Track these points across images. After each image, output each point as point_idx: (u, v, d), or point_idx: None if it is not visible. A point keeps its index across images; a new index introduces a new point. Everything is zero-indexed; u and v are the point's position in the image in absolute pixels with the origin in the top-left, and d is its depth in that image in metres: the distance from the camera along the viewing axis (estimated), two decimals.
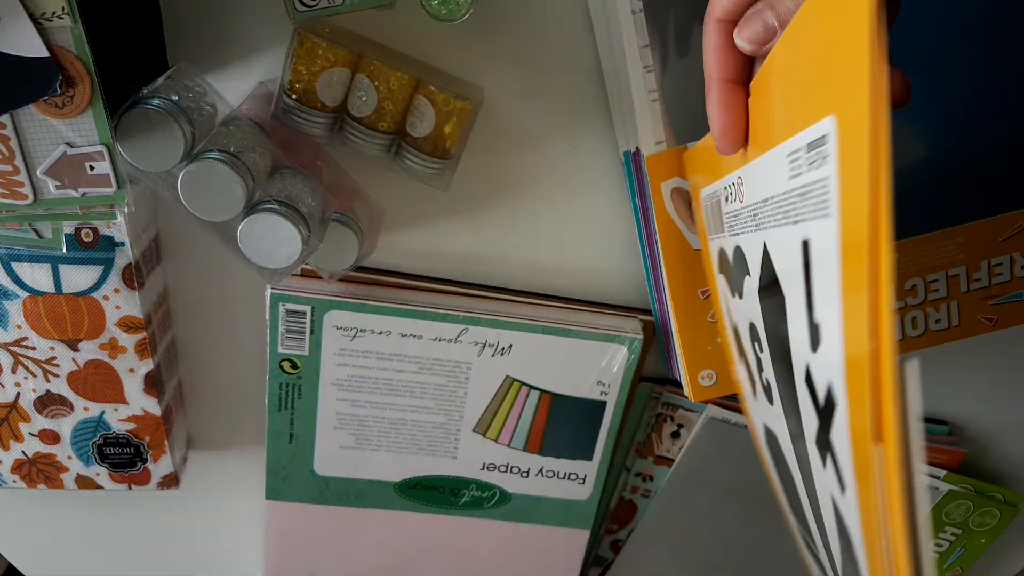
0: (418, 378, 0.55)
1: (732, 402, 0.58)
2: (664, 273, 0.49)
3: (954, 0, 0.43)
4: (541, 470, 0.59)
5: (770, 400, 0.38)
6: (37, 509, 0.66)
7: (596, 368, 0.55)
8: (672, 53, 0.44)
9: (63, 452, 0.55)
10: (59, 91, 0.38)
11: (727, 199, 0.39)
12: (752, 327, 0.38)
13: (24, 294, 0.48)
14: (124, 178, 0.41)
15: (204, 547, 0.69)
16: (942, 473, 0.59)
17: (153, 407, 0.53)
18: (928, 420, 0.61)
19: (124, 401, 0.53)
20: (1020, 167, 0.47)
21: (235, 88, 0.47)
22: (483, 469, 0.59)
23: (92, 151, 0.40)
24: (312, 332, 0.52)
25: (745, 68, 0.35)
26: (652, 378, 0.59)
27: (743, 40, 0.33)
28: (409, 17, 0.45)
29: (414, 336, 0.53)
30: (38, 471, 0.56)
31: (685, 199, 0.46)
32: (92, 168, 0.41)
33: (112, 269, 0.48)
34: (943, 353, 0.52)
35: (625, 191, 0.51)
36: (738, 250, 0.38)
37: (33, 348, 0.50)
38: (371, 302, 0.52)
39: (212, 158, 0.41)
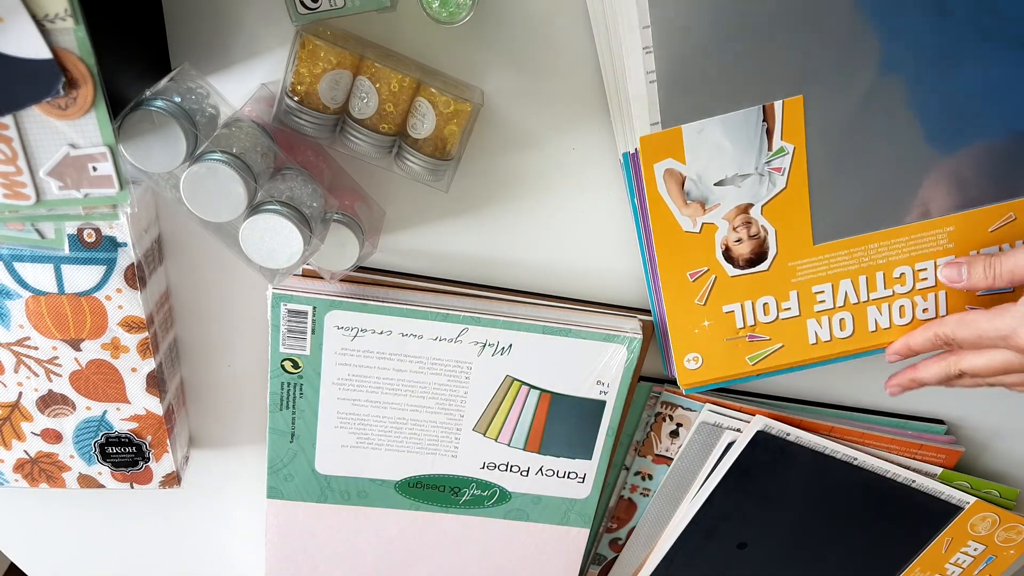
0: (419, 377, 0.55)
1: (722, 398, 0.58)
2: (656, 255, 0.50)
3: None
4: (541, 469, 0.60)
5: None
6: (39, 508, 0.66)
7: (596, 367, 0.55)
8: (671, 35, 0.44)
9: (65, 451, 0.55)
10: (62, 93, 0.38)
11: None
12: None
13: (27, 294, 0.49)
14: (127, 179, 0.42)
15: (205, 546, 0.69)
16: (938, 471, 0.60)
17: (155, 406, 0.54)
18: (926, 419, 0.61)
19: (126, 400, 0.53)
20: (1012, 159, 0.48)
21: (237, 90, 0.47)
22: (483, 468, 0.60)
23: (95, 152, 0.40)
24: (313, 332, 0.52)
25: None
26: (651, 377, 0.59)
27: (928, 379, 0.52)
28: (410, 19, 0.45)
29: (415, 336, 0.53)
30: (40, 470, 0.56)
31: (678, 181, 0.47)
32: (95, 169, 0.41)
33: (114, 269, 0.48)
34: None
35: (624, 192, 0.51)
36: None
37: (36, 348, 0.51)
38: (372, 302, 0.52)
39: (214, 159, 0.41)
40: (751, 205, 0.48)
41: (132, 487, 0.58)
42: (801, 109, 0.46)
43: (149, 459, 0.56)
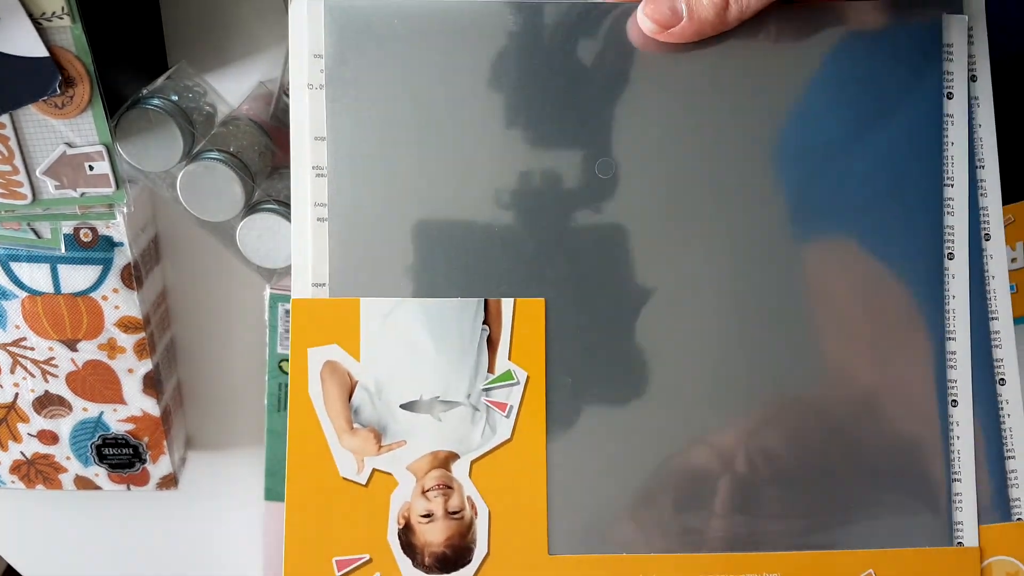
0: None
1: None
2: (286, 512, 0.33)
3: None
4: None
5: None
6: (36, 510, 0.66)
7: None
8: (356, 160, 0.30)
9: (62, 453, 0.55)
10: (59, 91, 0.38)
11: None
12: None
13: (23, 294, 0.48)
14: (123, 178, 0.41)
15: (203, 548, 0.69)
16: None
17: (152, 407, 0.53)
18: None
19: (123, 401, 0.53)
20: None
21: (235, 88, 0.47)
22: None
23: (91, 151, 0.40)
24: None
25: None
26: None
27: (647, 18, 0.31)
28: None
29: None
30: (37, 472, 0.56)
31: (344, 386, 0.31)
32: (91, 168, 0.41)
33: (111, 269, 0.48)
34: None
35: None
36: None
37: (32, 348, 0.50)
38: None
39: (211, 158, 0.41)
40: (455, 457, 0.30)
41: (129, 489, 0.57)
42: (542, 318, 0.29)
43: (146, 461, 0.56)
